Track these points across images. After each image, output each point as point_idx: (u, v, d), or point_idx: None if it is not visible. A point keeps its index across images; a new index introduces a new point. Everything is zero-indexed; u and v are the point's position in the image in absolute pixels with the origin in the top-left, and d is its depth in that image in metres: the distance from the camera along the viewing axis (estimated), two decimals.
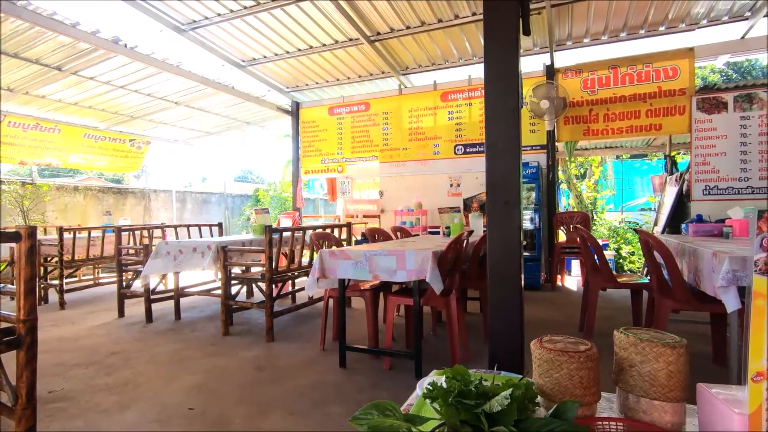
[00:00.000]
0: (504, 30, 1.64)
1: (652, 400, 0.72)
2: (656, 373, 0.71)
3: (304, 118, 7.99)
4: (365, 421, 0.59)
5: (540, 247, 5.85)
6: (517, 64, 1.62)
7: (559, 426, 0.57)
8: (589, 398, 0.74)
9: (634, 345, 0.74)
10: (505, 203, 1.61)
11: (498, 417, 0.56)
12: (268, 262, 3.73)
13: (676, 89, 5.66)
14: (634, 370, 0.73)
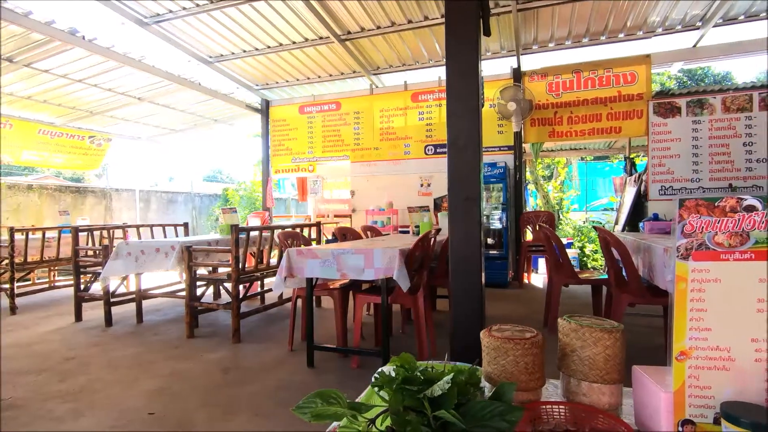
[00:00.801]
0: (465, 31, 1.67)
1: (591, 383, 0.75)
2: (595, 357, 0.74)
3: (275, 117, 7.88)
4: (308, 410, 0.59)
5: (507, 245, 5.99)
6: (478, 63, 1.65)
7: (497, 407, 0.59)
8: (533, 383, 0.77)
9: (575, 331, 0.77)
10: (465, 199, 1.64)
11: (440, 401, 0.57)
12: (234, 262, 3.66)
13: (634, 94, 5.92)
14: (575, 355, 0.76)
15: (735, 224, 0.58)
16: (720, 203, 0.58)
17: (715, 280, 0.59)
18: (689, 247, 0.60)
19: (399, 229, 6.41)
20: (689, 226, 0.60)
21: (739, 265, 0.58)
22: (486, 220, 6.20)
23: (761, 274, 0.58)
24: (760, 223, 0.57)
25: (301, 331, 3.70)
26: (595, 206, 11.78)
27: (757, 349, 0.59)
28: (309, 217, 7.59)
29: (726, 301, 0.59)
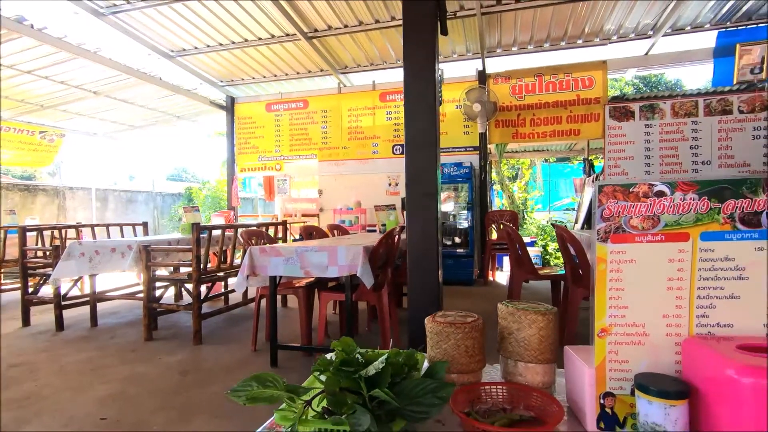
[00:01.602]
0: (422, 32, 1.70)
1: (526, 363, 0.79)
2: (530, 339, 0.78)
3: (240, 114, 7.72)
4: (244, 393, 0.59)
5: (473, 244, 6.12)
6: (435, 63, 1.69)
7: (429, 384, 0.61)
8: (474, 365, 0.80)
9: (512, 314, 0.81)
10: (423, 195, 1.67)
11: (376, 381, 0.59)
12: (195, 262, 3.56)
13: (591, 98, 6.19)
14: (512, 337, 0.80)
15: (647, 209, 0.63)
16: (634, 189, 0.63)
17: (630, 261, 0.64)
18: (608, 231, 0.64)
19: (367, 228, 6.43)
20: (607, 210, 0.64)
21: (651, 246, 0.63)
22: (452, 219, 6.30)
23: (671, 255, 0.63)
24: (668, 208, 0.62)
25: (265, 331, 3.64)
26: (557, 206, 12.22)
27: (668, 324, 0.64)
28: (276, 217, 7.48)
29: (641, 280, 0.64)
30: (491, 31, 5.92)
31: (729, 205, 0.61)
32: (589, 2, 5.15)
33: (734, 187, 0.60)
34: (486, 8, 5.26)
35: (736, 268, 0.61)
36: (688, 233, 0.62)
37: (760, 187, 0.60)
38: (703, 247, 0.62)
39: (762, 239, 0.60)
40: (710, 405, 0.55)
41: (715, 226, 0.61)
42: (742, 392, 0.50)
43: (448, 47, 6.40)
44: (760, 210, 0.60)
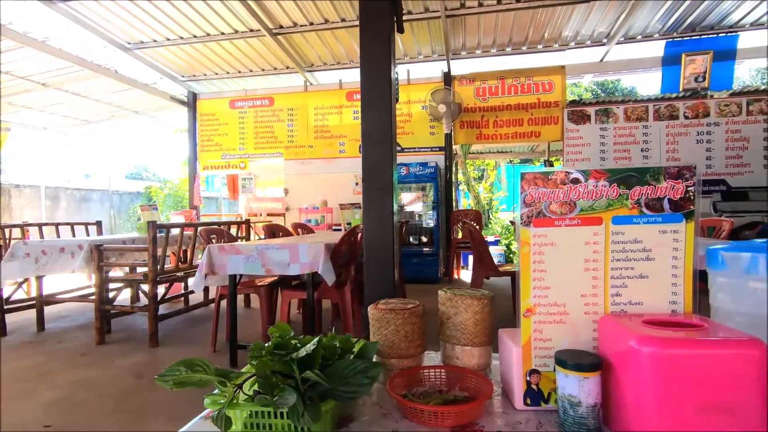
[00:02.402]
0: (378, 28, 1.72)
1: (463, 347, 0.82)
2: (466, 323, 0.81)
3: (203, 111, 7.50)
4: (171, 378, 0.59)
5: (438, 242, 6.21)
6: (390, 59, 1.71)
7: (360, 365, 0.63)
8: (413, 350, 0.83)
9: (450, 299, 0.84)
10: (380, 190, 1.69)
11: (308, 363, 0.60)
12: (152, 261, 3.44)
13: (551, 101, 6.42)
14: (450, 321, 0.83)
15: (564, 195, 0.67)
16: (552, 176, 0.67)
17: (551, 243, 0.68)
18: (530, 215, 0.68)
19: (333, 228, 6.39)
20: (529, 196, 0.68)
21: (569, 230, 0.67)
22: (418, 219, 6.38)
23: (586, 238, 0.67)
24: (583, 194, 0.67)
25: (226, 332, 3.56)
26: None
27: (585, 303, 0.68)
28: (240, 216, 7.32)
29: (561, 262, 0.68)
30: (456, 33, 6.04)
31: (635, 192, 0.66)
32: (547, 9, 5.35)
33: (639, 174, 0.65)
34: (450, 11, 5.36)
35: (643, 250, 0.67)
36: (601, 217, 0.67)
37: (662, 175, 0.65)
38: (615, 230, 0.67)
39: (665, 223, 0.66)
40: (618, 375, 0.59)
41: (624, 211, 0.66)
42: (642, 360, 0.54)
43: (414, 48, 6.48)
44: (662, 196, 0.65)
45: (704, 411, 0.52)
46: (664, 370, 0.53)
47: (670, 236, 0.66)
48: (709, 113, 6.02)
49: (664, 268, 0.67)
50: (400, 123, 6.80)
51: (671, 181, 0.65)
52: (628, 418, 0.56)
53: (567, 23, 5.74)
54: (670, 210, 0.66)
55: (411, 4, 5.29)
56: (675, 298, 0.67)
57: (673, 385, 0.52)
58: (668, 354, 0.53)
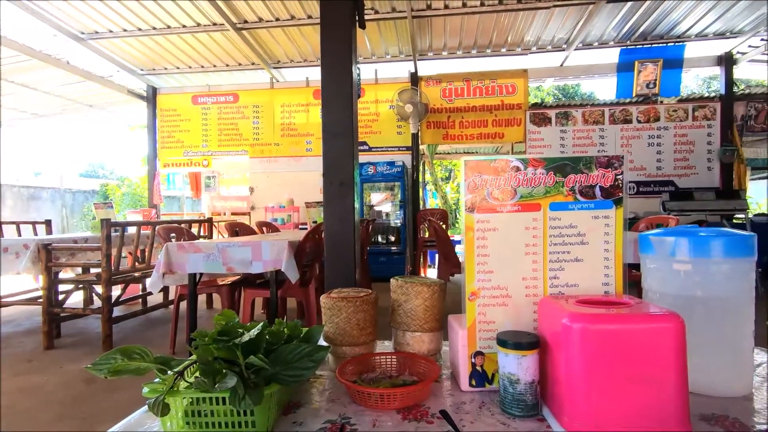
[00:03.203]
0: (340, 21, 1.72)
1: (413, 333, 0.83)
2: (416, 309, 0.83)
3: (163, 106, 7.23)
4: (105, 366, 0.57)
5: (405, 241, 6.26)
6: (352, 53, 1.72)
7: (304, 348, 0.63)
8: (364, 337, 0.84)
9: (401, 287, 0.85)
10: (340, 184, 1.69)
11: (252, 349, 0.59)
12: (105, 261, 3.29)
13: (514, 104, 6.61)
14: (401, 309, 0.84)
15: (506, 182, 0.70)
16: (493, 164, 0.70)
17: (494, 229, 0.71)
18: (474, 202, 0.70)
19: (300, 226, 6.32)
20: (473, 183, 0.70)
21: (510, 215, 0.70)
22: (385, 218, 6.41)
23: (527, 223, 0.70)
24: (523, 181, 0.70)
25: (186, 333, 3.45)
26: None
27: (526, 286, 0.71)
28: (203, 215, 7.11)
29: (503, 246, 0.71)
30: (422, 34, 6.11)
31: (570, 179, 0.69)
32: (510, 13, 5.51)
33: (574, 163, 0.69)
34: (416, 12, 5.42)
35: (578, 234, 0.70)
36: (540, 204, 0.70)
37: (593, 164, 0.69)
38: (552, 216, 0.70)
39: (597, 209, 0.70)
40: (553, 351, 0.62)
41: (561, 198, 0.70)
42: (572, 336, 0.57)
43: (382, 48, 6.50)
44: (594, 184, 0.69)
45: (629, 380, 0.55)
46: (592, 344, 0.56)
47: (602, 221, 0.70)
48: (659, 118, 6.38)
49: (597, 251, 0.70)
50: (368, 122, 6.82)
51: (602, 169, 0.69)
52: (561, 392, 0.59)
53: (529, 28, 5.93)
54: (602, 197, 0.70)
55: (378, 3, 5.31)
56: (607, 279, 0.71)
57: (601, 357, 0.56)
58: (595, 329, 0.56)
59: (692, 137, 6.29)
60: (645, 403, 0.55)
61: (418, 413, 0.66)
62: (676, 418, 0.55)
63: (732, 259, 0.68)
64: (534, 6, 5.28)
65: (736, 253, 0.68)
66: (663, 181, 6.34)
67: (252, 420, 0.57)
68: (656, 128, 6.38)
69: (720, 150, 6.17)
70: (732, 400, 0.67)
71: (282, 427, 0.62)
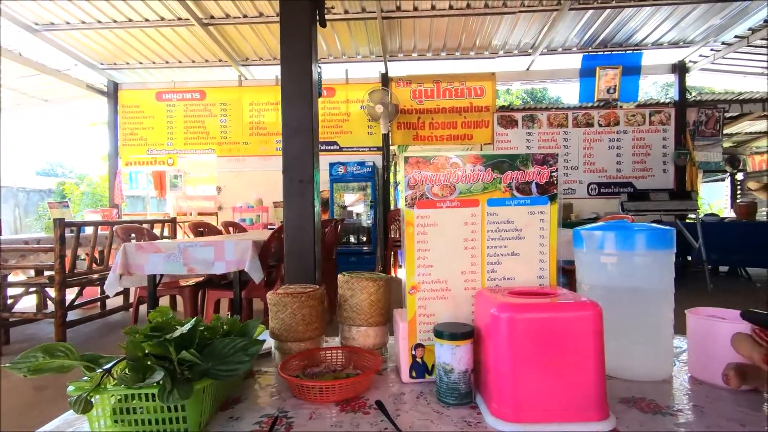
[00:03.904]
0: (299, 16, 1.71)
1: (359, 327, 0.84)
2: (361, 304, 0.84)
3: (125, 102, 6.98)
4: (25, 365, 0.55)
5: (376, 241, 6.28)
6: (311, 51, 1.71)
7: (239, 342, 0.63)
8: (310, 333, 0.84)
9: (347, 282, 0.86)
10: (300, 182, 1.68)
11: (185, 344, 0.59)
12: (59, 263, 3.14)
13: (482, 106, 6.74)
14: (347, 303, 0.85)
15: (445, 178, 0.72)
16: (433, 160, 0.72)
17: (434, 224, 0.72)
18: (414, 197, 0.72)
19: (269, 226, 6.23)
20: (413, 179, 0.72)
21: (449, 211, 0.72)
22: (356, 218, 6.40)
23: (465, 219, 0.72)
24: (462, 178, 0.72)
25: None
26: None
27: (465, 279, 0.74)
28: (167, 215, 6.89)
29: (443, 241, 0.73)
30: (392, 35, 6.15)
31: (507, 176, 0.72)
32: (478, 18, 5.62)
33: (510, 160, 0.72)
34: (386, 13, 5.45)
35: (515, 229, 0.73)
36: (478, 199, 0.72)
37: (530, 161, 0.72)
38: (490, 212, 0.72)
39: (533, 204, 0.73)
40: (485, 341, 0.64)
41: (498, 194, 0.72)
42: (500, 325, 0.60)
43: (352, 48, 6.50)
44: (530, 180, 0.72)
45: (552, 366, 0.58)
46: (516, 332, 0.58)
47: (537, 217, 0.73)
48: (619, 122, 6.66)
49: (533, 245, 0.73)
50: (339, 122, 6.80)
51: (538, 166, 0.72)
52: (490, 380, 0.61)
53: (496, 32, 6.07)
54: (537, 193, 0.73)
55: (348, 3, 5.31)
56: (542, 273, 0.74)
57: (526, 344, 0.58)
58: (521, 317, 0.59)
59: (649, 141, 6.60)
60: (566, 386, 0.58)
61: (357, 405, 0.66)
62: (594, 400, 0.58)
63: (653, 252, 0.72)
64: (500, 11, 5.41)
65: (657, 246, 0.72)
66: (622, 183, 6.62)
67: (183, 416, 0.56)
68: (616, 132, 6.66)
69: (674, 153, 6.50)
70: (652, 384, 0.71)
71: (217, 423, 0.62)
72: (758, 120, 7.73)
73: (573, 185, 6.71)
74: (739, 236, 5.42)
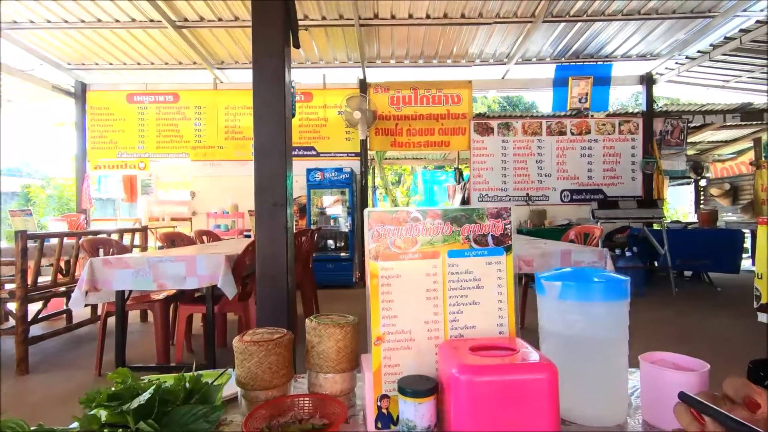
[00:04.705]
0: (271, 37, 1.70)
1: (326, 374, 0.84)
2: (328, 351, 0.84)
3: (94, 104, 6.74)
4: None
5: (353, 247, 6.27)
6: (284, 71, 1.70)
7: (200, 410, 0.62)
8: (277, 380, 0.83)
9: (314, 329, 0.86)
10: (273, 205, 1.67)
11: (144, 413, 0.58)
12: (20, 277, 3.01)
13: (459, 113, 6.83)
14: (314, 350, 0.85)
15: (407, 231, 0.73)
16: (395, 215, 0.73)
17: (397, 276, 0.73)
18: (378, 250, 0.73)
19: (244, 234, 6.14)
20: (376, 233, 0.73)
21: (412, 263, 0.74)
22: (333, 224, 6.38)
23: (427, 270, 0.74)
24: (422, 231, 0.73)
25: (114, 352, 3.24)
26: None
27: (429, 329, 0.75)
28: (139, 221, 6.70)
29: (406, 292, 0.74)
30: (370, 42, 6.15)
31: (465, 229, 0.74)
32: (455, 27, 5.69)
33: (468, 214, 0.74)
34: (364, 20, 5.45)
35: (474, 279, 0.75)
36: (439, 251, 0.74)
37: (485, 215, 0.74)
38: (451, 263, 0.74)
39: (490, 255, 0.75)
40: (447, 399, 0.65)
41: (458, 245, 0.74)
42: (460, 387, 0.61)
43: (330, 53, 6.47)
44: (486, 233, 0.74)
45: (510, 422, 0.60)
46: (476, 394, 0.60)
47: (494, 267, 0.75)
48: (590, 131, 6.86)
49: (492, 294, 0.75)
50: (316, 127, 6.76)
51: (493, 220, 0.74)
52: None
53: (472, 42, 6.15)
54: (493, 244, 0.75)
55: (325, 9, 5.29)
56: (501, 321, 0.76)
57: (484, 405, 0.60)
58: (480, 380, 0.60)
59: (618, 149, 6.83)
60: None
61: None
62: None
63: (608, 303, 0.75)
64: (477, 21, 5.49)
65: (612, 297, 0.75)
66: (593, 190, 6.82)
67: None
68: (587, 140, 6.86)
69: (642, 161, 6.74)
70: (607, 430, 0.74)
71: None
72: (719, 130, 8.10)
73: (547, 192, 6.87)
74: (702, 242, 5.67)
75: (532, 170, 6.90)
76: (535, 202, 6.80)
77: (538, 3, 5.14)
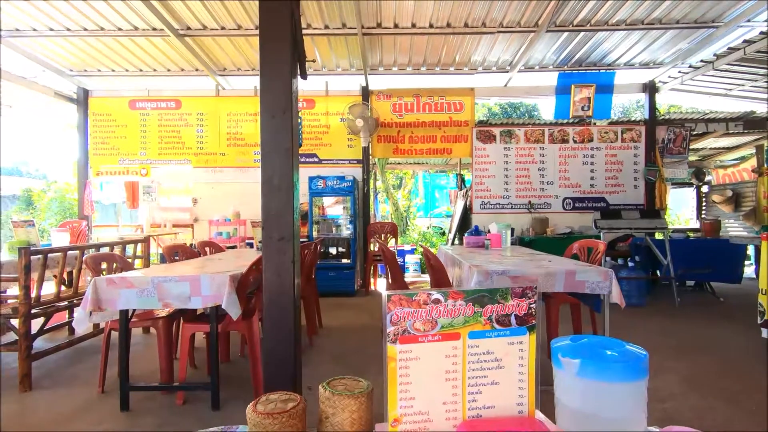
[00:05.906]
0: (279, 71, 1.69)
1: None
2: (343, 422, 0.83)
3: (96, 110, 6.73)
4: None
5: (355, 255, 6.26)
6: (292, 105, 1.69)
7: None
8: None
9: (328, 399, 0.85)
10: (279, 239, 1.66)
11: None
12: (23, 294, 3.01)
13: (461, 121, 6.82)
14: (328, 421, 0.85)
15: (427, 314, 0.72)
16: (416, 297, 0.72)
17: (416, 358, 0.73)
18: (396, 333, 0.72)
19: (246, 241, 6.14)
20: (395, 316, 0.72)
21: (431, 345, 0.73)
22: (335, 231, 6.37)
23: (447, 351, 0.73)
24: (443, 312, 0.72)
25: (118, 367, 3.23)
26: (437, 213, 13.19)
27: (447, 410, 0.75)
28: (141, 227, 6.69)
29: (425, 374, 0.73)
30: (373, 50, 6.14)
31: (488, 310, 0.73)
32: (458, 36, 5.67)
33: (491, 294, 0.73)
34: (367, 29, 5.43)
35: (495, 359, 0.74)
36: (459, 333, 0.73)
37: (509, 295, 0.73)
38: (471, 344, 0.73)
39: (512, 335, 0.74)
40: None
41: (479, 326, 0.73)
42: None
43: (332, 61, 6.46)
44: (509, 313, 0.74)
45: None
46: None
47: (516, 347, 0.74)
48: (592, 138, 6.84)
49: (512, 374, 0.75)
50: (318, 134, 6.75)
51: (517, 299, 0.74)
52: None
53: (475, 50, 6.14)
54: (516, 324, 0.74)
55: (328, 18, 5.27)
56: (521, 400, 0.76)
57: None
58: None
59: (621, 157, 6.81)
60: None
61: None
62: None
63: (627, 383, 0.74)
64: (480, 31, 5.47)
65: (631, 377, 0.74)
66: (596, 198, 6.81)
67: None
68: (590, 148, 6.84)
69: (644, 170, 6.73)
70: None
71: None
72: (722, 137, 8.09)
73: (549, 200, 6.86)
74: (704, 253, 5.67)
75: (534, 178, 6.89)
76: (537, 210, 6.79)
77: (541, 12, 5.13)
